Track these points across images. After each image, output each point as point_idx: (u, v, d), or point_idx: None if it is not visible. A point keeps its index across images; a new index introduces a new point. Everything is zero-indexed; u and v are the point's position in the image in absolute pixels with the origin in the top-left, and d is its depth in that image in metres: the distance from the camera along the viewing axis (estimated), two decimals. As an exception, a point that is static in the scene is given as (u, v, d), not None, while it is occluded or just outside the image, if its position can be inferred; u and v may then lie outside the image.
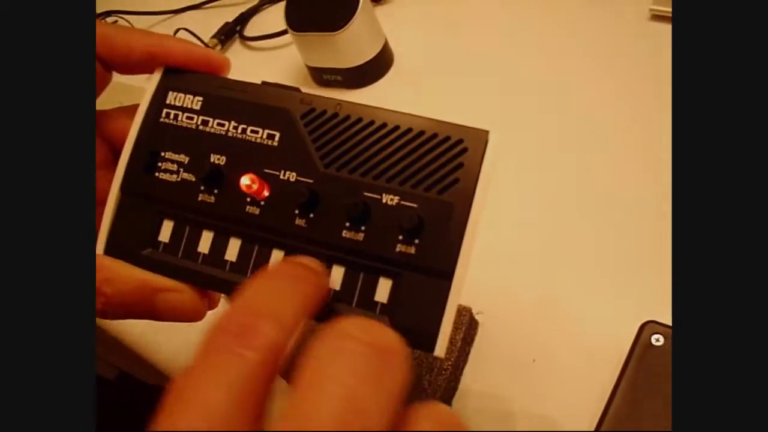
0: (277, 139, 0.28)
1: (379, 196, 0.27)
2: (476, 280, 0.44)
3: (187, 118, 0.29)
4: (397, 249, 0.26)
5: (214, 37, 0.70)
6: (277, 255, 0.28)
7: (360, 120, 0.27)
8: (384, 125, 0.27)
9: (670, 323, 0.36)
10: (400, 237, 0.26)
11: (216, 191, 0.28)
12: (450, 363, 0.39)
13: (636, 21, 0.55)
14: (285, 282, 0.23)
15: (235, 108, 0.29)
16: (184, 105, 0.30)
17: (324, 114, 0.28)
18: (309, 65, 0.60)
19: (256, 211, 0.28)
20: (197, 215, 0.28)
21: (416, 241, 0.26)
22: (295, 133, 0.28)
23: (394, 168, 0.27)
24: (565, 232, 0.45)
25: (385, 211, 0.27)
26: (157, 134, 0.30)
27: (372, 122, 0.27)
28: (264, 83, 0.30)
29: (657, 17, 0.54)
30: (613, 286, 0.41)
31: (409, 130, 0.27)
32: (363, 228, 0.27)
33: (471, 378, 0.41)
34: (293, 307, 0.22)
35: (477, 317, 0.42)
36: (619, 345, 0.37)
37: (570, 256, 0.43)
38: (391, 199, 0.27)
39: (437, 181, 0.26)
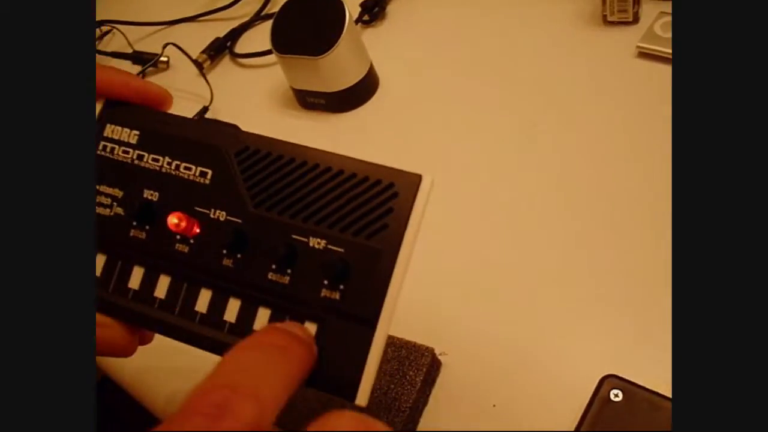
0: (209, 176, 0.28)
1: (306, 239, 0.26)
2: (442, 319, 0.44)
3: (123, 152, 0.29)
4: (322, 294, 0.26)
5: (203, 52, 0.69)
6: (204, 295, 0.27)
7: (293, 160, 0.27)
8: (316, 166, 0.27)
9: (630, 378, 0.35)
10: (325, 282, 0.26)
11: (147, 227, 0.28)
12: (408, 405, 0.39)
13: (622, 58, 0.54)
14: (268, 354, 0.22)
15: (170, 144, 0.29)
16: (121, 138, 0.29)
17: (257, 153, 0.28)
18: (293, 87, 0.60)
19: (185, 249, 0.28)
20: (129, 251, 0.28)
21: (341, 287, 0.26)
22: (227, 171, 0.28)
23: (323, 210, 0.26)
24: (533, 279, 0.44)
25: (311, 254, 0.26)
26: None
27: (304, 163, 0.27)
28: (203, 119, 0.30)
29: (643, 54, 0.53)
30: (578, 335, 0.40)
31: (341, 172, 0.27)
32: (289, 271, 0.26)
33: (429, 420, 0.40)
34: (276, 381, 0.21)
35: (440, 358, 0.41)
36: (580, 395, 0.37)
37: (537, 303, 0.43)
38: (318, 243, 0.26)
39: (365, 226, 0.26)
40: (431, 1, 0.67)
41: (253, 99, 0.64)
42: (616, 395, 0.35)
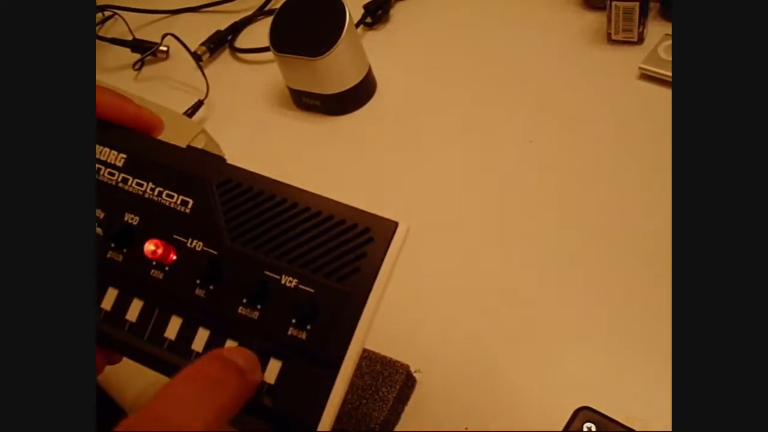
0: (190, 206, 0.28)
1: (278, 277, 0.27)
2: (421, 336, 0.43)
3: (109, 173, 0.30)
4: (289, 332, 0.26)
5: (203, 44, 0.68)
6: (175, 322, 0.28)
7: (273, 197, 0.28)
8: (295, 205, 0.27)
9: (605, 411, 0.35)
10: (293, 320, 0.26)
11: (125, 250, 0.28)
12: (379, 421, 0.38)
13: (624, 78, 0.53)
14: (202, 387, 0.23)
15: (155, 170, 0.29)
16: (108, 160, 0.30)
17: (239, 186, 0.28)
18: (289, 87, 0.59)
19: (160, 275, 0.28)
20: (104, 272, 0.28)
21: (308, 327, 0.26)
22: (208, 202, 0.28)
23: (298, 249, 0.27)
24: (515, 302, 0.43)
25: (282, 292, 0.26)
26: None
27: (284, 200, 0.27)
28: (189, 148, 0.30)
29: (645, 76, 0.52)
30: (557, 363, 0.40)
31: (318, 213, 0.27)
32: (259, 306, 0.27)
33: (400, 438, 0.39)
34: (207, 415, 0.22)
35: (416, 375, 0.41)
36: (553, 425, 0.36)
37: (517, 327, 0.42)
38: (290, 281, 0.26)
39: (338, 269, 0.26)
40: (436, 8, 0.66)
41: (249, 95, 0.64)
42: (590, 429, 0.34)
